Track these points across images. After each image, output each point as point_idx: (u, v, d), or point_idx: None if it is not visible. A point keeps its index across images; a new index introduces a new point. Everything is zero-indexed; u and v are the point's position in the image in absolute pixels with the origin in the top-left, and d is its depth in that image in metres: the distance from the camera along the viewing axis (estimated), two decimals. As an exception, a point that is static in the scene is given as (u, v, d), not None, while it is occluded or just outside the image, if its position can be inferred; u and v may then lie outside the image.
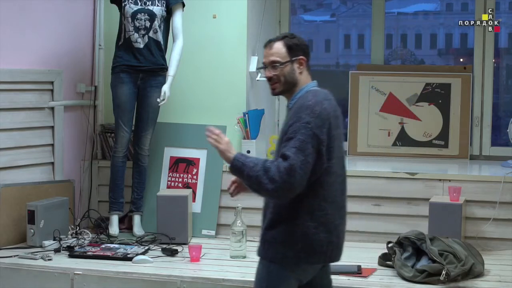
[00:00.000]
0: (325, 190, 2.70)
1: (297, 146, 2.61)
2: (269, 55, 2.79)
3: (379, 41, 5.32)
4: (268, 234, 2.77)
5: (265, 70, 2.82)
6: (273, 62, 2.78)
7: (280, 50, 2.77)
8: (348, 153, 5.16)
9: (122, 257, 3.93)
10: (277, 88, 2.80)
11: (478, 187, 4.17)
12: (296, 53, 2.79)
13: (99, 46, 4.93)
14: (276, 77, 2.78)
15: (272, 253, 2.76)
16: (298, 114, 2.67)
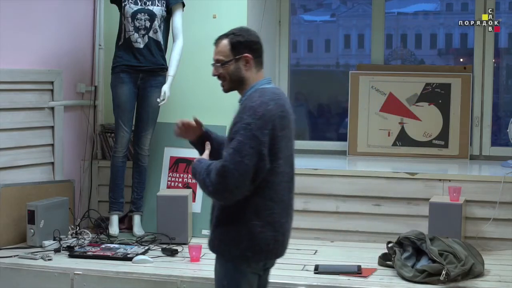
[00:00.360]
0: (271, 189, 2.69)
1: (235, 147, 2.60)
2: (215, 53, 2.80)
3: (379, 41, 5.33)
4: (216, 232, 2.81)
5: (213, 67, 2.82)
6: (218, 61, 2.78)
7: (224, 48, 2.75)
8: (348, 153, 5.17)
9: (122, 257, 3.93)
10: (224, 86, 2.81)
11: (478, 187, 4.17)
12: (239, 51, 2.74)
13: (99, 46, 4.93)
14: (222, 75, 2.79)
15: (222, 252, 2.79)
16: (241, 114, 2.67)
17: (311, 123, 5.92)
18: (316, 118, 5.98)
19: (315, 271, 3.67)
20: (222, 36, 2.79)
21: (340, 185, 4.37)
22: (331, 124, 5.90)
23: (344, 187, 4.37)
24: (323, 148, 5.35)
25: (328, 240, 4.38)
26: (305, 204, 4.42)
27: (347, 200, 4.36)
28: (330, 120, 5.92)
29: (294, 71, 5.80)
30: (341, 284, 3.48)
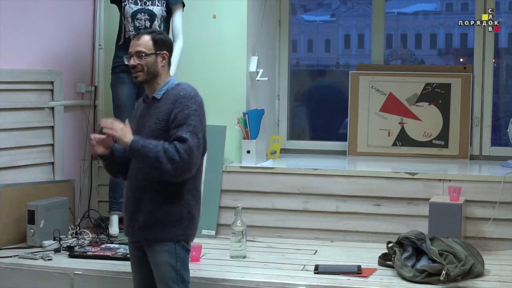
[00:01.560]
0: (199, 172, 3.07)
1: (191, 131, 2.91)
2: (136, 45, 3.03)
3: (379, 41, 5.33)
4: (154, 216, 2.95)
5: (129, 59, 3.03)
6: (139, 52, 3.01)
7: (147, 42, 3.02)
8: (348, 153, 5.17)
9: (122, 257, 3.93)
10: (140, 76, 3.03)
11: (478, 187, 4.17)
12: (161, 48, 3.04)
13: (99, 46, 4.93)
14: (140, 66, 3.01)
15: (168, 235, 2.96)
16: (183, 103, 2.94)
17: (311, 123, 5.91)
18: (316, 118, 5.98)
19: (315, 271, 3.67)
20: (143, 33, 3.07)
21: (340, 185, 4.37)
22: (331, 124, 5.90)
23: (344, 187, 4.37)
24: (323, 148, 5.35)
25: (328, 240, 4.38)
26: (305, 204, 4.42)
27: (347, 200, 4.36)
28: (330, 120, 5.92)
29: (294, 71, 5.80)
30: (341, 284, 3.48)
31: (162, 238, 2.96)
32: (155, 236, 2.96)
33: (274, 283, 3.53)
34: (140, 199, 2.97)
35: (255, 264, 3.85)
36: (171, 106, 2.96)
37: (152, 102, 3.04)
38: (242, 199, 4.46)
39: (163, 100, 3.01)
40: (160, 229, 2.95)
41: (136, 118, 3.09)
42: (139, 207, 2.97)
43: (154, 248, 2.97)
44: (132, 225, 3.00)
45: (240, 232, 3.96)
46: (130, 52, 3.05)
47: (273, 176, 4.48)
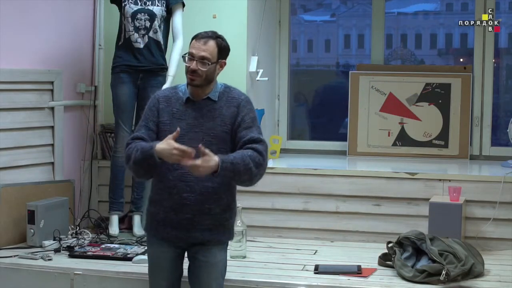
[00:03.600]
0: None
1: (261, 133, 3.06)
2: (202, 50, 2.98)
3: (379, 41, 5.33)
4: (223, 218, 3.06)
5: (189, 60, 2.99)
6: (203, 58, 2.98)
7: (213, 49, 3.01)
8: (348, 153, 5.17)
9: (122, 257, 3.93)
10: (196, 81, 3.00)
11: (478, 187, 4.17)
12: (223, 56, 3.07)
13: (99, 46, 4.93)
14: (201, 72, 2.98)
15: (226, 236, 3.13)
16: (247, 106, 3.09)
17: (311, 123, 5.92)
18: (316, 118, 5.98)
19: (315, 271, 3.67)
20: (209, 36, 3.01)
21: (340, 185, 4.37)
22: (331, 124, 5.90)
23: (344, 187, 4.37)
24: (323, 148, 5.35)
25: (328, 240, 4.38)
26: (305, 204, 4.42)
27: (347, 200, 4.36)
28: (330, 120, 5.92)
29: (294, 71, 5.80)
30: (341, 284, 3.48)
31: (224, 239, 3.10)
32: (220, 237, 3.07)
33: (274, 283, 3.53)
34: (209, 202, 3.00)
35: (255, 264, 3.85)
36: (236, 109, 3.03)
37: (205, 104, 3.04)
38: (242, 199, 4.44)
39: (221, 103, 3.03)
40: (226, 231, 3.09)
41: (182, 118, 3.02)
42: (205, 209, 3.00)
43: (213, 249, 3.04)
44: (192, 225, 3.00)
45: (240, 232, 3.96)
46: (193, 54, 2.98)
47: (273, 176, 4.47)
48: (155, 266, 3.15)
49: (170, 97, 3.07)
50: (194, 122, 3.01)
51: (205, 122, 3.01)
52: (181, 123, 2.99)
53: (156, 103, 3.07)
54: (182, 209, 2.99)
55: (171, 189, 3.00)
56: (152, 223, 3.11)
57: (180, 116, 3.03)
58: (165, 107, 3.05)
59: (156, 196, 3.07)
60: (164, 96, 3.08)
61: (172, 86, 3.20)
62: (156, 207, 3.06)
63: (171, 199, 3.01)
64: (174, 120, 3.01)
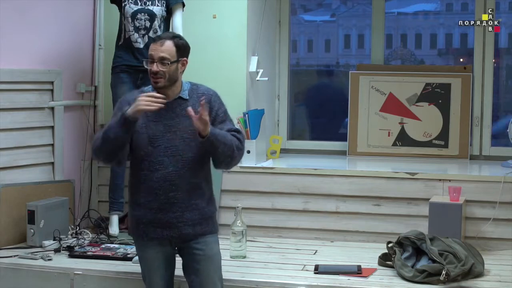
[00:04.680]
0: None
1: (234, 124, 3.19)
2: (160, 51, 3.02)
3: (379, 41, 5.33)
4: (209, 211, 3.15)
5: (150, 64, 3.02)
6: (163, 59, 3.01)
7: (171, 48, 3.03)
8: (348, 153, 5.17)
9: (122, 257, 3.93)
10: (160, 82, 3.03)
11: (478, 187, 4.17)
12: (182, 54, 3.09)
13: (99, 46, 4.93)
14: (162, 73, 3.02)
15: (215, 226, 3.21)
16: (217, 101, 3.16)
17: (311, 123, 5.92)
18: (316, 118, 5.98)
19: (315, 271, 3.67)
20: (165, 37, 3.07)
21: (340, 185, 4.37)
22: (331, 124, 5.90)
23: (344, 187, 4.37)
24: (323, 148, 5.35)
25: (328, 240, 4.38)
26: (305, 204, 4.42)
27: (347, 200, 4.36)
28: (330, 120, 5.92)
29: (294, 71, 5.80)
30: (341, 284, 3.48)
31: (214, 229, 3.17)
32: (211, 228, 3.15)
33: (274, 283, 3.53)
34: (191, 197, 3.06)
35: (255, 264, 3.85)
36: (208, 104, 3.05)
37: (178, 103, 3.08)
38: (242, 199, 4.46)
39: (192, 100, 3.09)
40: (212, 221, 3.17)
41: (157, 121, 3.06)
42: (195, 206, 3.07)
43: (208, 240, 3.11)
44: (182, 222, 3.06)
45: (240, 232, 3.96)
46: (152, 56, 3.03)
47: (273, 176, 4.48)
48: (150, 268, 3.18)
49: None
50: (170, 123, 3.06)
51: (181, 121, 3.06)
52: (158, 125, 3.05)
53: (126, 105, 3.05)
54: (170, 208, 3.05)
55: (156, 190, 3.05)
56: (139, 226, 3.14)
57: (155, 118, 3.06)
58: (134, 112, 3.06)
59: (140, 199, 3.09)
60: (133, 99, 3.04)
61: (138, 90, 3.24)
62: (142, 209, 3.10)
63: (157, 200, 3.06)
64: (150, 123, 3.05)
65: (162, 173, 3.04)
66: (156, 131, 3.04)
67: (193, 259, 3.13)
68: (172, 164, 3.04)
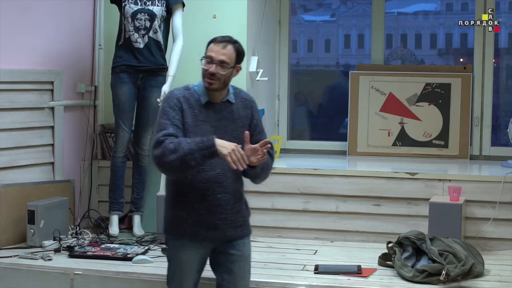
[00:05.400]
0: None
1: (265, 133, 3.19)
2: (221, 53, 2.98)
3: (379, 41, 5.33)
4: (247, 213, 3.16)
5: (208, 63, 2.98)
6: (223, 62, 2.97)
7: (232, 54, 3.00)
8: (348, 153, 5.17)
9: (122, 257, 3.93)
10: (215, 84, 2.98)
11: (478, 187, 4.17)
12: (239, 61, 3.06)
13: (99, 46, 4.93)
14: (220, 76, 2.97)
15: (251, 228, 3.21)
16: (256, 108, 3.14)
17: (311, 123, 5.92)
18: (316, 118, 5.98)
19: (315, 271, 3.67)
20: (227, 40, 3.03)
21: (340, 185, 4.38)
22: (331, 124, 5.90)
23: (344, 187, 4.37)
24: (323, 148, 5.36)
25: (328, 240, 4.38)
26: (305, 204, 4.42)
27: (347, 200, 4.36)
28: (330, 120, 5.92)
29: (294, 71, 5.80)
30: (341, 284, 3.48)
31: (250, 232, 3.17)
32: (248, 231, 3.15)
33: (274, 283, 3.54)
34: (238, 201, 3.06)
35: (255, 264, 3.84)
36: (250, 111, 3.09)
37: (224, 106, 3.04)
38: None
39: (237, 105, 3.07)
40: (249, 226, 3.17)
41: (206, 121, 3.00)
42: (239, 208, 3.07)
43: (244, 242, 3.11)
44: (227, 224, 3.03)
45: (240, 232, 3.96)
46: (212, 58, 2.98)
47: (273, 176, 4.43)
48: (184, 269, 3.10)
49: (189, 98, 3.02)
50: (217, 124, 3.00)
51: (228, 124, 3.02)
52: (206, 125, 2.99)
53: (177, 103, 2.99)
54: (217, 210, 3.00)
55: (204, 190, 2.98)
56: (181, 225, 3.03)
57: (204, 118, 3.00)
58: (187, 108, 2.99)
59: (186, 199, 3.00)
60: (183, 97, 3.01)
61: (184, 87, 3.09)
62: (187, 209, 3.01)
63: (205, 201, 2.99)
64: (199, 123, 2.99)
65: (210, 174, 2.98)
66: (205, 131, 2.95)
67: (228, 259, 3.09)
68: (219, 165, 2.97)
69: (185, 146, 2.83)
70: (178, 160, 2.83)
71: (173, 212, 3.06)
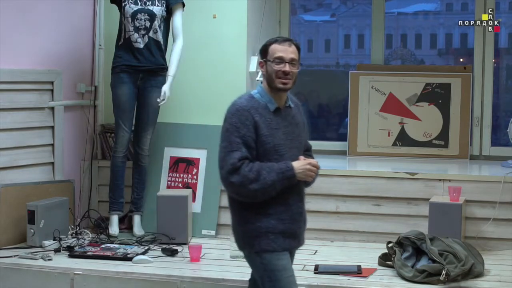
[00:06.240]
0: None
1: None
2: (290, 52, 2.88)
3: (379, 41, 5.33)
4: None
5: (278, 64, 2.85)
6: (293, 60, 2.87)
7: (296, 51, 2.90)
8: (348, 153, 5.17)
9: (122, 257, 3.93)
10: (289, 84, 2.88)
11: (478, 187, 4.17)
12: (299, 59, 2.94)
13: (99, 46, 4.93)
14: (293, 74, 2.87)
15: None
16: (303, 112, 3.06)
17: (311, 123, 5.92)
18: (316, 118, 5.98)
19: (315, 271, 3.67)
20: (290, 39, 2.93)
21: (340, 185, 4.37)
22: (331, 124, 5.91)
23: (344, 187, 4.37)
24: (323, 148, 5.35)
25: (328, 240, 4.38)
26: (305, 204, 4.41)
27: (347, 200, 4.36)
28: (330, 120, 5.92)
29: (294, 71, 5.79)
30: (341, 284, 3.48)
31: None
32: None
33: (274, 283, 3.53)
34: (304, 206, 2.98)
35: (255, 264, 3.85)
36: (302, 115, 3.04)
37: (287, 111, 2.93)
38: (242, 199, 4.45)
39: (295, 109, 2.99)
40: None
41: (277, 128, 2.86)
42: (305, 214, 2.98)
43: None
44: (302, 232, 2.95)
45: (240, 232, 3.96)
46: (282, 57, 2.86)
47: (273, 176, 4.46)
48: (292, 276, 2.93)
49: (257, 107, 2.84)
50: (286, 130, 2.89)
51: (294, 129, 2.93)
52: (278, 132, 2.86)
53: (248, 116, 2.80)
54: (299, 218, 2.92)
55: (288, 200, 2.87)
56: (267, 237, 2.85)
57: (275, 125, 2.86)
58: (260, 118, 2.82)
59: (269, 210, 2.84)
60: (251, 107, 2.83)
61: (248, 96, 2.90)
62: (272, 220, 2.85)
63: (289, 211, 2.88)
64: (273, 131, 2.84)
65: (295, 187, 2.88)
66: (279, 139, 2.84)
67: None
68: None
69: (266, 177, 2.75)
70: (259, 191, 2.76)
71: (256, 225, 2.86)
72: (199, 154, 4.66)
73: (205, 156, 4.64)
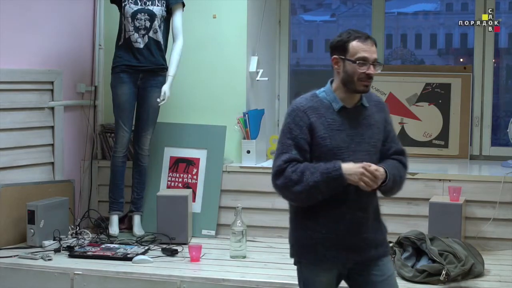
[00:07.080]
0: None
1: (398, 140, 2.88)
2: (373, 52, 2.71)
3: (379, 41, 5.29)
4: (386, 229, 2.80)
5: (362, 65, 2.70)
6: (375, 61, 2.72)
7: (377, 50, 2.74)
8: (348, 153, 5.16)
9: (122, 257, 3.93)
10: (369, 86, 2.72)
11: (478, 187, 4.17)
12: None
13: (99, 46, 4.93)
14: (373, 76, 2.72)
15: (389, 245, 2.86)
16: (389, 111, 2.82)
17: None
18: (316, 118, 5.97)
19: (315, 271, 3.66)
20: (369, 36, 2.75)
21: (340, 185, 4.36)
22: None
23: (344, 187, 4.36)
24: (323, 148, 5.34)
25: (328, 240, 4.37)
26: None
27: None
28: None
29: (294, 71, 5.80)
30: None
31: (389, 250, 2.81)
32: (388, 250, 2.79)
33: (274, 283, 3.53)
34: (375, 216, 2.74)
35: (255, 264, 3.85)
36: (383, 114, 2.77)
37: (359, 111, 2.71)
38: (242, 199, 4.46)
39: (372, 108, 2.74)
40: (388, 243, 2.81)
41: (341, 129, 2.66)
42: (376, 224, 2.73)
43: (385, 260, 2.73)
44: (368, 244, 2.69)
45: (240, 232, 3.97)
46: (367, 58, 2.70)
47: (273, 176, 4.46)
48: None
49: (317, 107, 2.67)
50: (353, 132, 2.67)
51: (365, 131, 2.69)
52: (341, 134, 2.65)
53: (304, 116, 2.64)
54: (358, 229, 2.66)
55: (342, 209, 2.65)
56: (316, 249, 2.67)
57: (338, 127, 2.65)
58: (317, 119, 2.64)
59: (320, 219, 2.65)
60: (309, 107, 2.66)
61: (311, 94, 2.76)
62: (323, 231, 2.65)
63: (344, 221, 2.65)
64: (334, 132, 2.64)
65: (349, 190, 2.63)
66: (340, 141, 2.63)
67: (369, 282, 2.72)
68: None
69: (309, 177, 2.55)
70: (303, 193, 2.56)
71: (304, 234, 2.69)
72: (199, 154, 4.66)
73: (205, 156, 4.64)
